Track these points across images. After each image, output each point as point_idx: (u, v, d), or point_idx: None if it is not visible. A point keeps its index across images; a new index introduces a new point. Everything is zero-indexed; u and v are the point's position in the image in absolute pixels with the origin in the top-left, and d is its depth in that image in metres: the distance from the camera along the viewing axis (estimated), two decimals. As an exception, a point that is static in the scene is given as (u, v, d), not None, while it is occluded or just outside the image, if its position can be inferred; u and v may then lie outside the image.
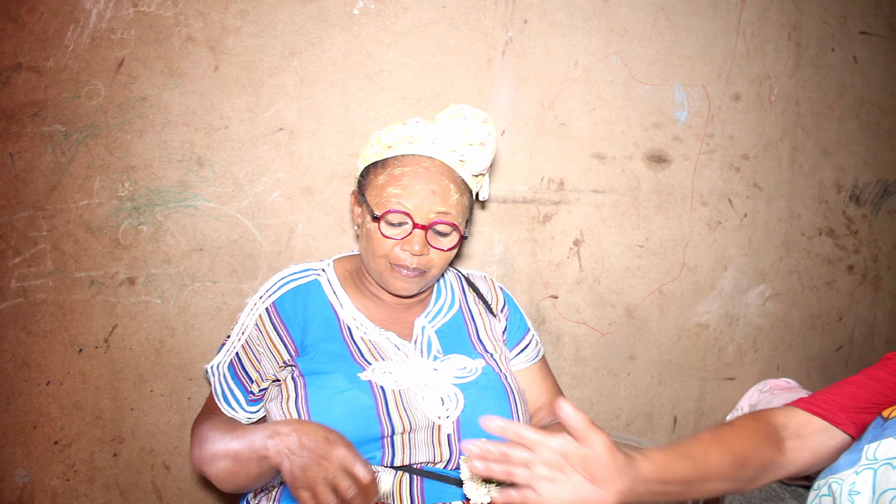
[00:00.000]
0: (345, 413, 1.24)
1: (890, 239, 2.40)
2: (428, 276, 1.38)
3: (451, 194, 1.34)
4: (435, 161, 1.35)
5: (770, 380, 2.31)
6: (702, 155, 2.12)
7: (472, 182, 1.43)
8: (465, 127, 1.38)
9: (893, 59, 2.32)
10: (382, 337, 1.37)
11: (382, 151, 1.37)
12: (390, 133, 1.38)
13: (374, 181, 1.36)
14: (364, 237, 1.38)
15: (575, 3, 1.96)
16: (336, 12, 1.79)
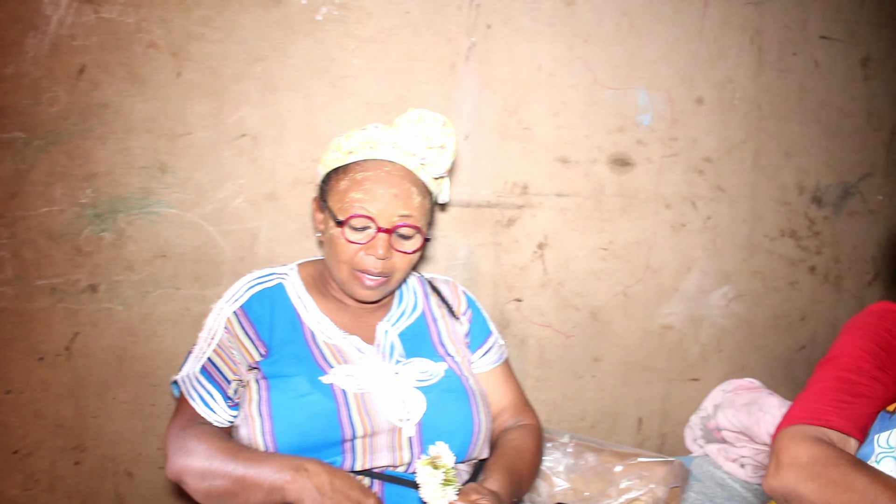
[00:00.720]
0: (307, 417, 1.36)
1: (851, 240, 2.59)
2: (391, 281, 1.50)
3: (413, 197, 1.47)
4: (396, 165, 1.47)
5: (734, 380, 2.49)
6: (665, 158, 2.28)
7: (433, 185, 1.55)
8: (426, 131, 1.50)
9: (853, 63, 2.51)
10: (346, 341, 1.50)
11: (343, 157, 1.48)
12: (351, 139, 1.50)
13: (336, 187, 1.48)
14: (327, 243, 1.50)
15: (538, 8, 2.11)
16: (299, 18, 1.92)
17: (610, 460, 2.02)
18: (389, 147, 1.48)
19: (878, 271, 2.66)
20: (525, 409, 1.71)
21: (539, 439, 1.66)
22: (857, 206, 2.60)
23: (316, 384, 1.41)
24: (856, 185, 2.59)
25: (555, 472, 2.03)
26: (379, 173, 1.45)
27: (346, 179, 1.46)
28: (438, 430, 1.44)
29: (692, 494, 2.19)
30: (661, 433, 2.46)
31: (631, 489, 1.97)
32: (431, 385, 1.50)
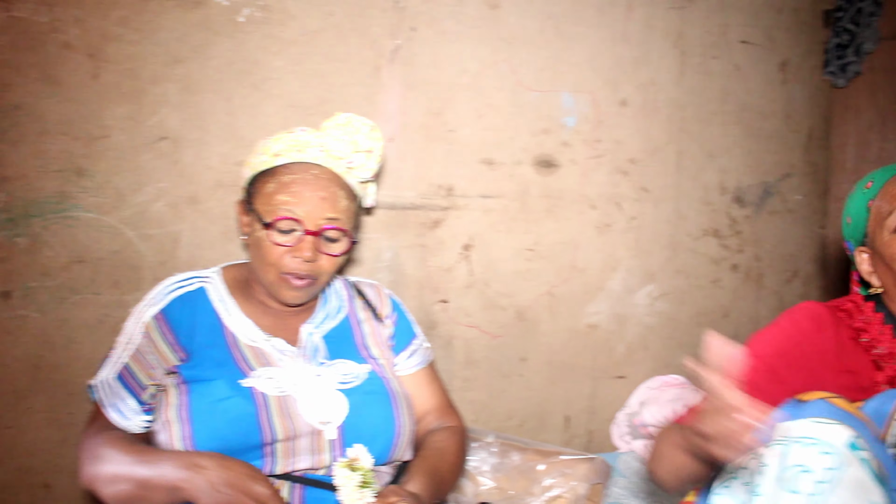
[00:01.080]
0: (226, 421, 1.42)
1: (771, 238, 2.75)
2: (318, 283, 1.57)
3: (340, 201, 1.54)
4: (324, 168, 1.55)
5: (660, 377, 2.62)
6: (590, 159, 2.39)
7: (359, 189, 1.63)
8: (353, 135, 1.58)
9: (772, 67, 2.66)
10: (269, 343, 1.55)
11: (270, 160, 1.55)
12: (278, 142, 1.56)
13: (262, 189, 1.54)
14: (254, 246, 1.55)
15: (463, 11, 2.20)
16: (220, 20, 1.96)
17: (534, 459, 2.12)
18: (317, 151, 1.55)
19: (797, 269, 2.82)
20: (449, 411, 1.79)
21: (463, 441, 1.74)
22: (777, 206, 2.76)
23: (236, 388, 1.46)
24: (775, 185, 2.74)
25: (480, 471, 2.12)
26: (306, 176, 1.52)
27: (273, 182, 1.52)
28: (360, 433, 1.50)
29: (617, 490, 2.30)
30: (588, 430, 2.58)
31: (553, 487, 2.08)
32: (354, 387, 1.56)
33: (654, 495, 2.31)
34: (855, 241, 1.48)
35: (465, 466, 1.81)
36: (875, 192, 1.40)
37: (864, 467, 1.11)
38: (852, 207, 1.47)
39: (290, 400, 1.48)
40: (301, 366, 1.54)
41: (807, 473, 1.12)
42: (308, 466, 1.47)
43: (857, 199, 1.46)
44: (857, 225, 1.45)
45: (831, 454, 1.12)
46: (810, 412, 1.19)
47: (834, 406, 1.19)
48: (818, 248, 2.86)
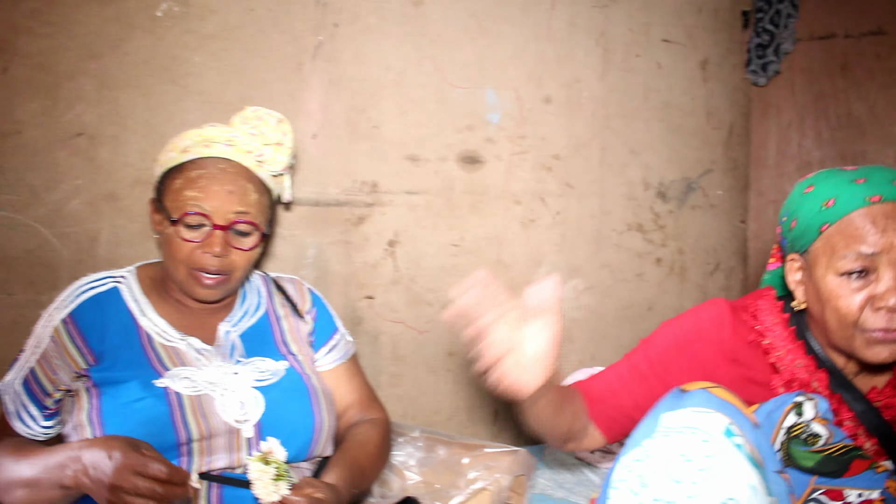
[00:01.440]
0: (139, 422, 1.43)
1: (694, 232, 2.85)
2: (232, 279, 1.59)
3: (249, 194, 1.56)
4: (232, 162, 1.57)
5: (585, 369, 2.69)
6: (514, 156, 2.45)
7: (272, 183, 1.65)
8: (261, 128, 1.60)
9: (693, 66, 2.75)
10: (184, 343, 1.57)
11: (179, 156, 1.56)
12: (185, 138, 1.58)
13: (171, 186, 1.55)
14: (165, 243, 1.56)
15: (386, 7, 2.22)
16: (138, 14, 1.96)
17: (459, 452, 2.17)
18: (224, 145, 1.57)
19: (719, 262, 2.93)
20: (372, 404, 1.83)
21: (385, 432, 1.78)
22: (699, 201, 2.86)
23: (149, 388, 1.47)
24: (697, 181, 2.84)
25: (406, 466, 2.16)
26: (213, 171, 1.54)
27: (181, 178, 1.53)
28: (278, 430, 1.53)
29: (542, 481, 2.37)
30: (516, 424, 2.63)
31: (478, 480, 2.12)
32: (271, 384, 1.58)
33: (580, 485, 2.38)
34: (792, 246, 1.43)
35: (388, 458, 1.85)
36: (833, 218, 1.31)
37: (739, 452, 1.16)
38: (802, 214, 1.38)
39: (206, 399, 1.49)
40: (218, 364, 1.56)
41: (688, 462, 1.16)
42: (225, 465, 1.48)
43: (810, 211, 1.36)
44: (801, 236, 1.38)
45: (708, 442, 1.16)
46: (691, 402, 1.24)
47: (712, 395, 1.24)
48: (739, 242, 2.98)
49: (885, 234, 1.24)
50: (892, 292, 1.24)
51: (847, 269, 1.27)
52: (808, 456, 1.30)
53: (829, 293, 1.30)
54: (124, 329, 1.55)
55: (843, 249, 1.27)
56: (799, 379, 1.40)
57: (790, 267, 1.42)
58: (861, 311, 1.27)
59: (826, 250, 1.31)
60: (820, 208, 1.32)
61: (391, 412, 2.33)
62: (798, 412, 1.30)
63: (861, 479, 1.31)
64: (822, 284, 1.31)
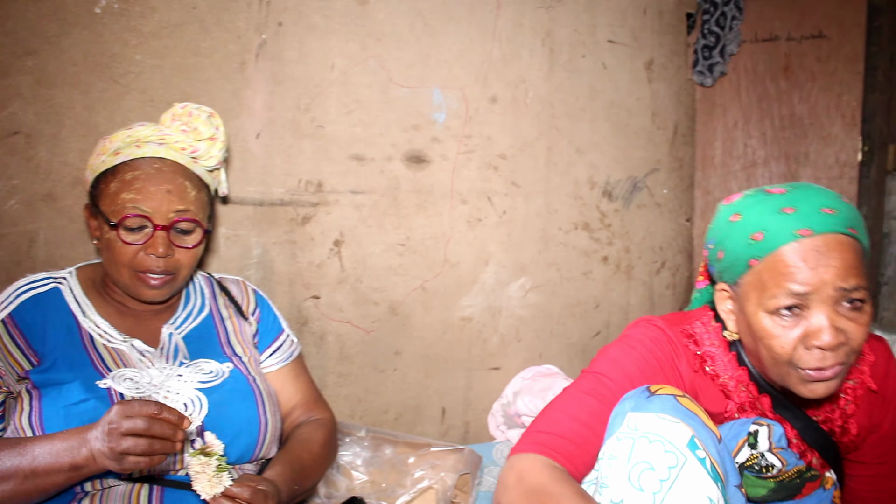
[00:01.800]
0: (80, 424, 1.42)
1: (640, 231, 2.91)
2: (178, 278, 1.59)
3: (188, 191, 1.56)
4: (166, 161, 1.57)
5: (533, 367, 2.75)
6: (460, 155, 2.48)
7: (209, 178, 1.66)
8: (193, 124, 1.60)
9: (638, 66, 2.81)
10: (127, 344, 1.57)
11: (111, 159, 1.55)
12: (115, 140, 1.57)
13: (106, 190, 1.54)
14: (105, 249, 1.56)
15: (331, 6, 2.24)
16: (76, 10, 1.95)
17: (405, 452, 2.20)
18: (156, 144, 1.57)
19: (665, 260, 3.00)
20: (318, 404, 1.84)
21: (331, 432, 1.80)
22: (645, 200, 2.92)
23: (92, 389, 1.47)
24: (643, 180, 2.91)
25: (353, 466, 2.18)
26: (149, 171, 1.53)
27: (116, 181, 1.53)
28: (222, 431, 1.53)
29: (490, 479, 2.40)
30: (465, 422, 2.67)
31: (424, 478, 2.16)
32: (215, 386, 1.59)
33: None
34: (720, 276, 1.39)
35: (333, 458, 1.87)
36: (762, 253, 1.27)
37: (701, 466, 1.18)
38: (730, 248, 1.33)
39: None
40: (161, 367, 1.56)
41: (651, 471, 1.18)
42: (168, 467, 1.49)
43: (738, 243, 1.31)
44: (728, 268, 1.35)
45: (672, 453, 1.18)
46: (658, 407, 1.23)
47: (679, 404, 1.24)
48: (685, 240, 3.05)
49: (817, 272, 1.21)
50: (824, 331, 1.21)
51: (778, 307, 1.24)
52: (759, 483, 1.34)
53: (762, 331, 1.27)
54: (66, 330, 1.54)
55: (773, 288, 1.24)
56: (749, 402, 1.39)
57: (720, 296, 1.40)
58: (794, 350, 1.25)
59: (756, 286, 1.28)
60: (748, 241, 1.28)
61: (338, 412, 2.36)
62: (752, 443, 1.32)
63: (811, 498, 1.37)
64: (754, 321, 1.28)
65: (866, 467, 1.49)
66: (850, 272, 1.21)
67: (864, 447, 1.47)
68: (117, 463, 1.27)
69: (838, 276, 1.21)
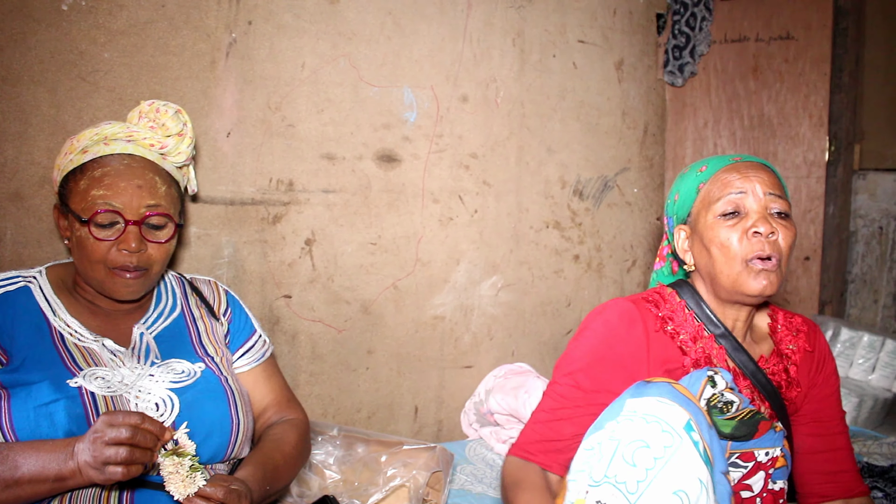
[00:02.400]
0: (51, 425, 1.42)
1: (611, 230, 2.95)
2: (151, 274, 1.59)
3: (158, 186, 1.57)
4: (135, 157, 1.57)
5: (505, 365, 2.77)
6: (432, 154, 2.50)
7: (178, 174, 1.66)
8: (160, 120, 1.61)
9: (608, 66, 2.85)
10: (98, 343, 1.56)
11: (79, 157, 1.55)
12: (83, 139, 1.57)
13: (75, 188, 1.54)
14: (76, 247, 1.55)
15: (301, 5, 2.25)
16: (42, 8, 1.94)
17: (377, 450, 2.21)
18: (124, 141, 1.57)
19: (635, 258, 3.04)
20: (290, 404, 1.85)
21: (303, 432, 1.80)
22: (616, 199, 2.96)
23: (62, 389, 1.46)
24: (613, 179, 2.94)
25: (326, 464, 2.19)
26: (118, 167, 1.53)
27: (85, 179, 1.53)
28: (194, 431, 1.53)
29: (463, 476, 2.43)
30: (437, 420, 2.69)
31: (396, 477, 2.17)
32: (187, 386, 1.59)
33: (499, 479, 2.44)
34: (677, 217, 1.61)
35: (306, 458, 1.87)
36: (707, 177, 1.54)
37: (695, 448, 1.26)
38: (683, 186, 1.59)
39: (121, 400, 1.49)
40: (133, 367, 1.56)
41: (646, 449, 1.26)
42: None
43: (688, 179, 1.58)
44: (683, 203, 1.58)
45: (669, 433, 1.26)
46: (655, 392, 1.34)
47: (675, 389, 1.35)
48: (655, 238, 3.09)
49: (748, 179, 1.49)
50: (759, 221, 1.45)
51: (723, 210, 1.49)
52: (725, 423, 1.44)
53: (713, 234, 1.49)
54: (35, 329, 1.53)
55: (717, 194, 1.50)
56: (704, 356, 1.54)
57: (678, 237, 1.60)
58: (741, 243, 1.46)
59: (705, 202, 1.52)
60: (696, 174, 1.57)
61: (311, 411, 2.37)
62: (712, 384, 1.44)
63: (766, 439, 1.49)
64: (706, 231, 1.51)
65: (807, 427, 1.62)
66: (774, 184, 1.50)
67: (804, 409, 1.62)
68: (100, 473, 1.28)
69: (764, 182, 1.49)
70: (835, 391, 1.66)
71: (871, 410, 3.04)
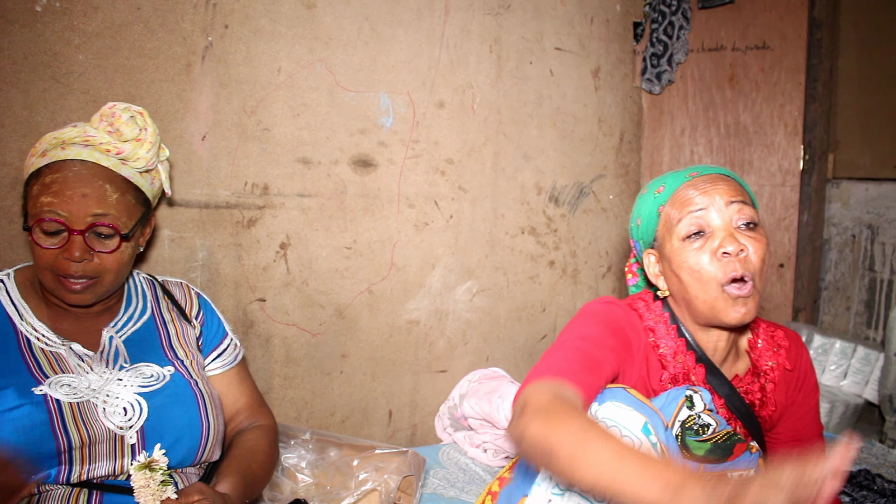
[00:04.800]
0: (14, 431, 1.41)
1: (586, 236, 2.98)
2: (104, 282, 1.57)
3: (107, 195, 1.53)
4: (87, 163, 1.54)
5: (480, 370, 2.79)
6: (408, 159, 2.52)
7: (141, 179, 1.63)
8: (116, 125, 1.58)
9: (584, 73, 2.88)
10: (65, 348, 1.56)
11: (38, 161, 1.54)
12: (44, 142, 1.56)
13: (31, 193, 1.53)
14: (31, 251, 1.55)
15: (278, 10, 2.26)
16: (15, 9, 1.95)
17: (349, 454, 2.22)
18: (81, 146, 1.55)
19: (610, 264, 3.07)
20: (261, 409, 1.86)
21: (274, 440, 1.81)
22: (591, 205, 2.99)
23: (27, 395, 1.45)
24: (589, 186, 2.97)
25: (298, 468, 2.20)
26: (67, 174, 1.51)
27: (38, 184, 1.52)
28: (163, 436, 1.54)
29: (435, 480, 2.44)
30: (411, 424, 2.71)
31: (368, 481, 2.18)
32: (156, 390, 1.59)
33: (472, 484, 2.46)
34: (644, 242, 1.56)
35: (276, 465, 1.89)
36: (666, 198, 1.48)
37: (654, 449, 1.28)
38: (643, 209, 1.54)
39: (88, 406, 1.49)
40: (101, 371, 1.56)
41: None
42: (109, 473, 1.49)
43: (647, 203, 1.53)
44: (647, 227, 1.53)
45: (629, 437, 1.29)
46: (612, 397, 1.35)
47: (631, 395, 1.36)
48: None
49: (707, 193, 1.43)
50: (726, 240, 1.40)
51: (686, 232, 1.43)
52: (699, 445, 1.44)
53: (681, 260, 1.44)
54: (2, 334, 1.53)
55: (679, 217, 1.44)
56: (683, 373, 1.51)
57: (647, 262, 1.56)
58: (710, 265, 1.41)
59: (667, 225, 1.47)
60: (654, 196, 1.51)
61: (285, 415, 2.39)
62: (689, 405, 1.44)
63: (741, 461, 1.48)
64: (673, 256, 1.45)
65: (785, 445, 1.62)
66: (736, 190, 1.44)
67: (782, 426, 1.62)
68: None
69: (724, 192, 1.43)
70: (814, 406, 1.63)
71: (843, 416, 3.09)
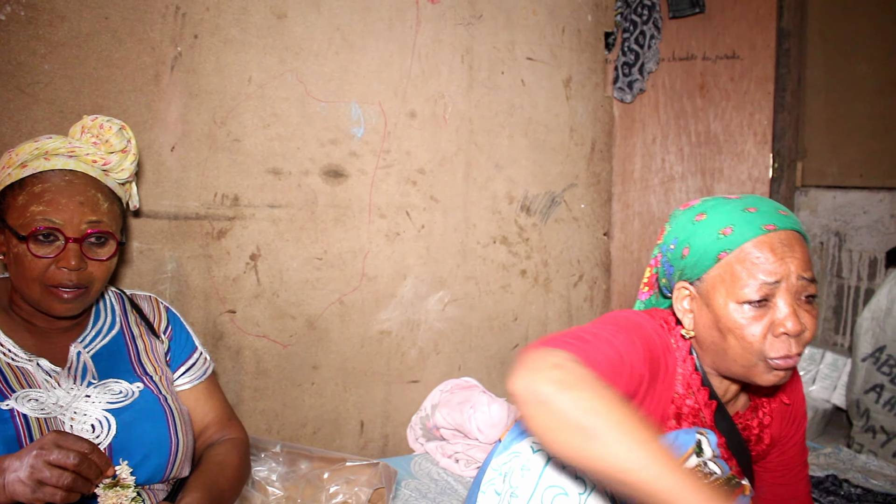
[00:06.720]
0: None
1: (557, 245, 3.01)
2: (91, 292, 1.58)
3: (100, 203, 1.56)
4: (77, 173, 1.55)
5: (452, 380, 2.81)
6: (379, 170, 2.53)
7: (120, 191, 1.65)
8: (104, 136, 1.60)
9: (556, 83, 2.91)
10: (32, 363, 1.55)
11: (17, 172, 1.54)
12: (22, 152, 1.55)
13: (13, 204, 1.52)
14: (13, 264, 1.54)
15: (248, 20, 2.27)
16: (-21, 19, 1.93)
17: (320, 466, 2.23)
18: (66, 157, 1.55)
19: (582, 273, 3.10)
20: (231, 423, 1.85)
21: (245, 454, 1.81)
22: (563, 214, 3.02)
23: None
24: (561, 195, 3.00)
25: (269, 481, 2.20)
26: (59, 183, 1.52)
27: (24, 194, 1.51)
28: (132, 452, 1.53)
29: (407, 492, 2.45)
30: (383, 435, 2.72)
31: (338, 493, 2.19)
32: (125, 406, 1.58)
33: (444, 495, 2.47)
34: (682, 274, 1.43)
35: (247, 479, 1.88)
36: (732, 246, 1.34)
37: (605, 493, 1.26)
38: (697, 243, 1.38)
39: (56, 422, 1.49)
40: (69, 387, 1.55)
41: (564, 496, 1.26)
42: None
43: (705, 239, 1.37)
44: (695, 264, 1.39)
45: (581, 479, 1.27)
46: None
47: None
48: (602, 253, 3.16)
49: (784, 262, 1.30)
50: (789, 318, 1.29)
51: (749, 298, 1.30)
52: None
53: (733, 323, 1.32)
54: None
55: (745, 278, 1.30)
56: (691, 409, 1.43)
57: (678, 295, 1.44)
58: (764, 339, 1.31)
59: (725, 278, 1.33)
60: (717, 236, 1.35)
61: (255, 427, 2.38)
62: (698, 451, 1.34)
63: None
64: (724, 313, 1.33)
65: (771, 475, 1.61)
66: (808, 264, 1.33)
67: (771, 457, 1.60)
68: (31, 490, 1.27)
69: (800, 266, 1.31)
70: (803, 435, 1.60)
71: (811, 422, 3.14)
